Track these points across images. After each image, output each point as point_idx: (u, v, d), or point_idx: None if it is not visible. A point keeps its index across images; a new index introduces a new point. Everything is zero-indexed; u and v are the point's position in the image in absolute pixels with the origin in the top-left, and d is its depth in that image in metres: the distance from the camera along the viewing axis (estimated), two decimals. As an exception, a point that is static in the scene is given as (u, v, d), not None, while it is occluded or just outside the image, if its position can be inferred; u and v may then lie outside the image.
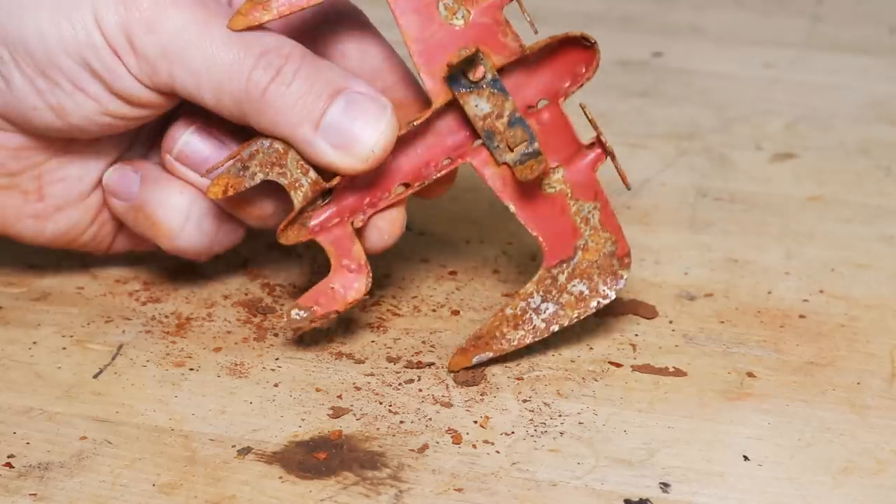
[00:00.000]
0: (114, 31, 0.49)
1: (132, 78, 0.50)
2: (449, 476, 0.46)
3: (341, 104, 0.49)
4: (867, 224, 0.64)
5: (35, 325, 0.55)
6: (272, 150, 0.50)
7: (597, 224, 0.51)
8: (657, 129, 0.73)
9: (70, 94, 0.50)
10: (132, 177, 0.54)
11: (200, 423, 0.49)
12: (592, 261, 0.50)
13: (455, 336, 0.54)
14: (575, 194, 0.51)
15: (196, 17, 0.50)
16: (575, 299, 0.50)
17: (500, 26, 0.50)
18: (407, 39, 0.50)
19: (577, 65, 0.51)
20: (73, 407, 0.50)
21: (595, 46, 0.50)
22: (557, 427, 0.49)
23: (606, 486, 0.46)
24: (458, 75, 0.50)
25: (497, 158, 0.50)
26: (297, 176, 0.50)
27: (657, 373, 0.52)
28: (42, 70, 0.50)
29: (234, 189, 0.50)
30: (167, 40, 0.49)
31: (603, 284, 0.50)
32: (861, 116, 0.76)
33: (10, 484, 0.46)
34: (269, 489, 0.46)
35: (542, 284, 0.50)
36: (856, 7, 0.92)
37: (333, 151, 0.49)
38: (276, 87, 0.49)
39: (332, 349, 0.53)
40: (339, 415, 0.50)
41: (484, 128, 0.50)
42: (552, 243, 0.50)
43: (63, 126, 0.51)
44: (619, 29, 0.88)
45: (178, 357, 0.53)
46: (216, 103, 0.50)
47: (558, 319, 0.50)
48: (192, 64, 0.49)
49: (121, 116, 0.51)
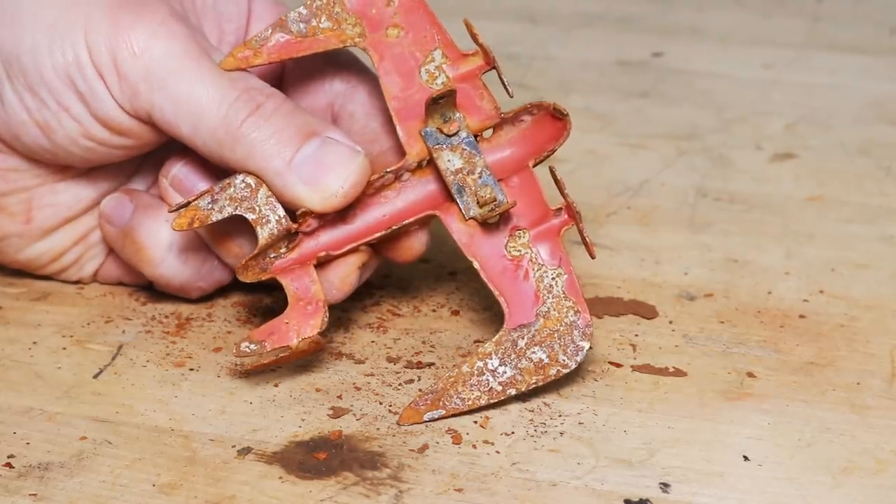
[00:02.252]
0: (101, 52, 0.50)
1: (113, 101, 0.51)
2: (449, 476, 0.46)
3: (315, 143, 0.50)
4: (867, 224, 0.64)
5: (35, 325, 0.55)
6: (244, 184, 0.50)
7: (559, 292, 0.50)
8: (657, 129, 0.73)
9: (55, 112, 0.51)
10: (126, 205, 0.54)
11: (200, 423, 0.49)
12: (553, 329, 0.50)
13: (455, 336, 0.54)
14: (538, 260, 0.51)
15: (186, 48, 0.51)
16: (534, 366, 0.49)
17: (477, 90, 0.52)
18: (387, 95, 0.52)
19: (549, 133, 0.52)
20: (73, 407, 0.50)
21: (567, 118, 0.52)
22: (557, 427, 0.49)
23: (606, 486, 0.46)
24: (433, 131, 0.51)
25: (465, 213, 0.51)
26: (266, 213, 0.50)
27: (657, 373, 0.52)
28: (31, 86, 0.51)
29: (199, 222, 0.50)
30: (152, 65, 0.50)
31: (563, 354, 0.50)
32: (861, 116, 0.76)
33: (10, 484, 0.46)
34: (269, 489, 0.46)
35: (501, 346, 0.50)
36: (856, 7, 0.92)
37: (303, 187, 0.50)
38: (254, 120, 0.50)
39: (332, 349, 0.53)
40: (339, 415, 0.50)
41: (455, 182, 0.51)
42: (513, 306, 0.50)
43: (50, 147, 0.52)
44: (618, 29, 0.88)
45: (178, 357, 0.53)
46: (191, 134, 0.50)
47: (515, 384, 0.49)
48: (174, 91, 0.50)
49: (101, 142, 0.52)
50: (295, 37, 0.52)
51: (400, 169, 0.52)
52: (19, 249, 0.55)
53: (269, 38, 0.52)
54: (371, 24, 0.52)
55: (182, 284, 0.54)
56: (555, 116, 0.52)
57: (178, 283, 0.54)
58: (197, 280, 0.55)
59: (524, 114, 0.52)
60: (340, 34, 0.52)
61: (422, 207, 0.52)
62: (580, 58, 0.82)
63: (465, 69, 0.52)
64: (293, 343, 0.49)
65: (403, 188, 0.52)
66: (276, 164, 0.50)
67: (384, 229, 0.52)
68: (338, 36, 0.52)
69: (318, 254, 0.51)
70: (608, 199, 0.65)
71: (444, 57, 0.52)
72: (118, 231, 0.54)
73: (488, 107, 0.52)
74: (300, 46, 0.52)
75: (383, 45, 0.52)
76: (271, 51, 0.52)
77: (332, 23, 0.52)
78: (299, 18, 0.52)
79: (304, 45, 0.52)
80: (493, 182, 0.51)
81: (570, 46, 0.84)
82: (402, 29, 0.52)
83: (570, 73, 0.80)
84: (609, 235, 0.62)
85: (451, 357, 0.53)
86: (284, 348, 0.49)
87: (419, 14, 0.53)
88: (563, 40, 0.85)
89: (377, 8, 0.53)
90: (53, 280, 0.57)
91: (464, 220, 0.51)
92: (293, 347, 0.49)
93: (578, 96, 0.77)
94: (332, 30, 0.52)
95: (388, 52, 0.52)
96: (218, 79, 0.50)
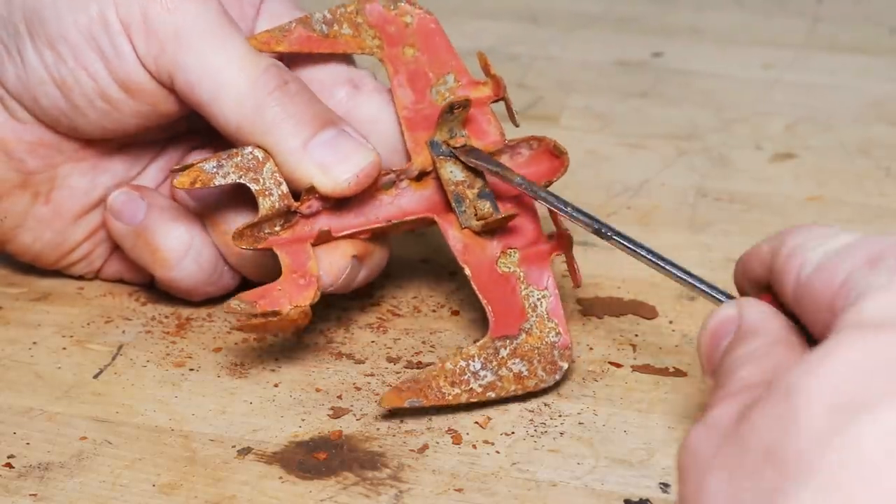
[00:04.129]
0: (131, 6, 0.50)
1: (135, 59, 0.51)
2: (449, 476, 0.46)
3: (332, 132, 0.51)
4: (867, 224, 0.64)
5: (35, 325, 0.55)
6: (251, 156, 0.51)
7: (543, 312, 0.51)
8: (657, 129, 0.73)
9: (72, 69, 0.51)
10: (139, 203, 0.54)
11: (200, 423, 0.49)
12: (534, 346, 0.50)
13: (455, 336, 0.54)
14: (527, 279, 0.51)
15: (218, 13, 0.51)
16: (514, 376, 0.50)
17: (485, 116, 0.54)
18: (398, 104, 0.54)
19: (546, 168, 0.54)
20: (73, 407, 0.50)
21: (565, 156, 0.53)
22: (557, 427, 0.49)
23: (606, 486, 0.46)
24: (440, 142, 0.53)
25: (462, 222, 0.52)
26: (270, 185, 0.51)
27: (657, 373, 0.52)
28: (50, 42, 0.51)
29: (202, 183, 0.50)
30: (184, 23, 0.50)
31: (542, 370, 0.50)
32: (861, 116, 0.76)
33: (10, 484, 0.46)
34: (269, 489, 0.46)
35: (485, 351, 0.50)
36: (856, 7, 0.92)
37: (316, 169, 0.50)
38: (279, 96, 0.51)
39: (332, 349, 0.53)
40: (339, 415, 0.50)
41: (455, 192, 0.53)
42: (499, 317, 0.51)
43: (68, 109, 0.52)
44: (618, 29, 0.88)
45: (178, 357, 0.53)
46: (210, 101, 0.50)
47: (496, 389, 0.49)
48: (203, 53, 0.50)
49: (116, 105, 0.51)
50: (317, 34, 0.54)
51: (404, 172, 0.53)
52: (35, 237, 0.55)
53: (293, 31, 0.54)
54: (389, 40, 0.55)
55: (190, 288, 0.54)
56: (553, 153, 0.53)
57: (186, 286, 0.54)
58: (206, 285, 0.54)
59: (524, 146, 0.54)
60: (360, 42, 0.54)
61: (421, 210, 0.53)
62: (580, 58, 0.82)
63: (475, 96, 0.54)
64: (285, 309, 0.49)
65: (405, 191, 0.53)
66: (293, 142, 0.50)
67: (382, 223, 0.52)
68: (357, 43, 0.54)
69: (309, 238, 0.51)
70: (608, 199, 0.65)
71: (456, 81, 0.54)
72: (130, 230, 0.54)
73: (494, 132, 0.54)
74: (321, 44, 0.54)
75: (399, 61, 0.54)
76: (293, 42, 0.54)
77: (353, 30, 0.54)
78: (323, 20, 0.54)
79: (325, 43, 0.54)
80: (492, 198, 0.53)
81: (570, 46, 0.84)
82: (417, 50, 0.54)
83: (570, 73, 0.80)
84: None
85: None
86: (275, 312, 0.49)
87: (435, 39, 0.55)
88: (564, 40, 0.85)
89: (396, 26, 0.55)
90: (53, 280, 0.57)
91: (460, 228, 0.52)
92: (283, 313, 0.49)
93: (578, 96, 0.77)
94: (352, 36, 0.54)
95: (403, 67, 0.54)
96: (247, 49, 0.51)
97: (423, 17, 0.55)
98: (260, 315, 0.49)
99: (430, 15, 0.55)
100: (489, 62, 0.54)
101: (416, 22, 0.55)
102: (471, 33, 0.84)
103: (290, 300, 0.49)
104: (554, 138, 0.54)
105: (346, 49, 0.54)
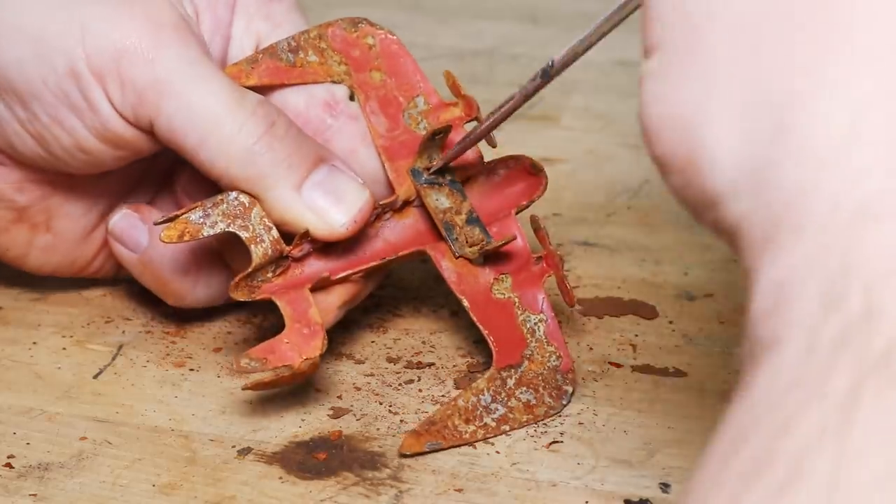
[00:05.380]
0: (102, 57, 0.48)
1: (111, 110, 0.49)
2: (449, 476, 0.46)
3: (324, 171, 0.50)
4: (867, 224, 0.63)
5: (35, 325, 0.55)
6: (237, 202, 0.49)
7: (542, 337, 0.51)
8: (657, 129, 0.73)
9: (47, 125, 0.49)
10: (140, 227, 0.52)
11: (200, 424, 0.49)
12: (538, 372, 0.50)
13: (455, 336, 0.54)
14: (522, 304, 0.51)
15: (200, 56, 0.49)
16: (523, 406, 0.49)
17: (460, 137, 0.52)
18: (373, 134, 0.52)
19: (524, 187, 0.53)
20: (73, 407, 0.50)
21: (542, 173, 0.53)
22: (557, 427, 0.49)
23: (606, 487, 0.46)
24: (420, 171, 0.52)
25: (455, 251, 0.52)
26: (260, 231, 0.49)
27: (657, 373, 0.52)
28: (21, 100, 0.49)
29: (190, 235, 0.49)
30: (163, 71, 0.48)
31: (549, 397, 0.50)
32: (861, 116, 0.75)
33: (10, 484, 0.46)
34: (269, 489, 0.46)
35: (493, 384, 0.49)
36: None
37: (311, 214, 0.49)
38: (268, 140, 0.49)
39: (332, 349, 0.53)
40: (339, 415, 0.50)
41: (444, 220, 0.52)
42: (501, 346, 0.50)
43: (48, 157, 0.50)
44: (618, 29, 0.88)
45: (178, 357, 0.53)
46: (196, 147, 0.49)
47: (509, 422, 0.49)
48: (187, 100, 0.48)
49: (98, 154, 0.50)
50: (285, 64, 0.53)
51: (389, 204, 0.52)
52: (44, 262, 0.55)
53: (260, 63, 0.52)
54: (355, 65, 0.53)
55: (198, 304, 0.54)
56: (530, 172, 0.53)
57: (202, 306, 0.54)
58: (215, 301, 0.54)
59: (501, 166, 0.53)
60: (328, 69, 0.53)
61: (412, 243, 0.52)
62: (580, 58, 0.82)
63: (446, 118, 0.53)
64: (296, 362, 0.48)
65: (393, 224, 0.52)
66: (285, 186, 0.49)
67: (376, 261, 0.51)
68: (326, 70, 0.53)
69: (302, 282, 0.50)
70: (608, 199, 0.65)
71: (427, 104, 0.53)
72: (136, 258, 0.52)
73: (470, 153, 0.52)
74: (290, 74, 0.52)
75: (369, 86, 0.53)
76: (262, 74, 0.52)
77: (319, 57, 0.53)
78: (288, 48, 0.53)
79: (294, 73, 0.52)
80: (481, 223, 0.52)
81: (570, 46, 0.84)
82: (384, 73, 0.53)
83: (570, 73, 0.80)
84: (609, 235, 0.62)
85: (451, 357, 0.53)
86: (287, 367, 0.48)
87: (400, 60, 0.53)
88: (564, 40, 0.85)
89: (360, 49, 0.53)
90: (53, 280, 0.57)
91: (453, 258, 0.52)
92: (295, 367, 0.48)
93: (578, 96, 0.77)
94: (319, 64, 0.53)
95: (373, 92, 0.53)
96: (234, 91, 0.49)
97: (385, 39, 0.53)
98: (272, 370, 0.48)
99: (392, 35, 0.53)
100: (458, 82, 0.52)
101: (379, 44, 0.53)
102: (471, 34, 0.83)
103: (299, 353, 0.48)
104: (530, 156, 0.53)
105: (316, 79, 0.52)
